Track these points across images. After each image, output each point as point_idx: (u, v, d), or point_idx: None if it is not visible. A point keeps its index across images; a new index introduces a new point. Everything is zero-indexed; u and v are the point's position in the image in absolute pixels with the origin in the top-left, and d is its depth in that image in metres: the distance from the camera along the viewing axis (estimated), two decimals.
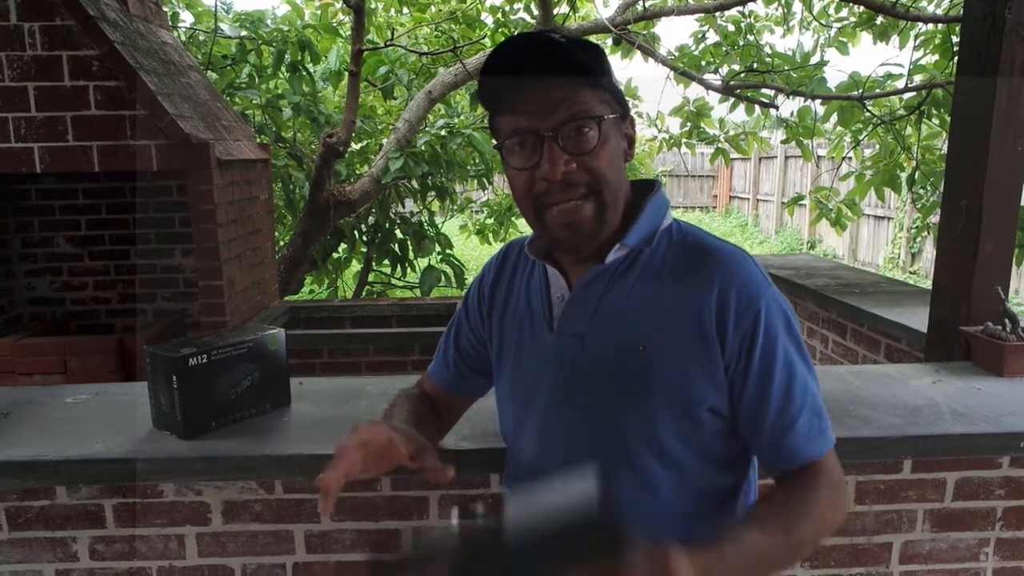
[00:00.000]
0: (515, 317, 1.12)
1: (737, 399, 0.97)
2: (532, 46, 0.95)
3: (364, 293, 6.55)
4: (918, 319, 2.49)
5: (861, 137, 4.94)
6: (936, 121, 4.39)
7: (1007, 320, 1.96)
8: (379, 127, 6.31)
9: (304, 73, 5.20)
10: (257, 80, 5.39)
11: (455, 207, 7.01)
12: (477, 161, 5.78)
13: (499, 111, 1.00)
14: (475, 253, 10.38)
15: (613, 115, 0.99)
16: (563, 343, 1.05)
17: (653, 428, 0.97)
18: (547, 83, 0.95)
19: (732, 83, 5.11)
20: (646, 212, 1.04)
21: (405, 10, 6.50)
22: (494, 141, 1.04)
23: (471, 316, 1.22)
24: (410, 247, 6.04)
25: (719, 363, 0.97)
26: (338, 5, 6.33)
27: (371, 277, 6.75)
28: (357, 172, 5.83)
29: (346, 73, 5.09)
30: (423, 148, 5.17)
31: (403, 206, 6.24)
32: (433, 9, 6.50)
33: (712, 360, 0.97)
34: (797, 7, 5.88)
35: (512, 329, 1.13)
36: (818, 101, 4.79)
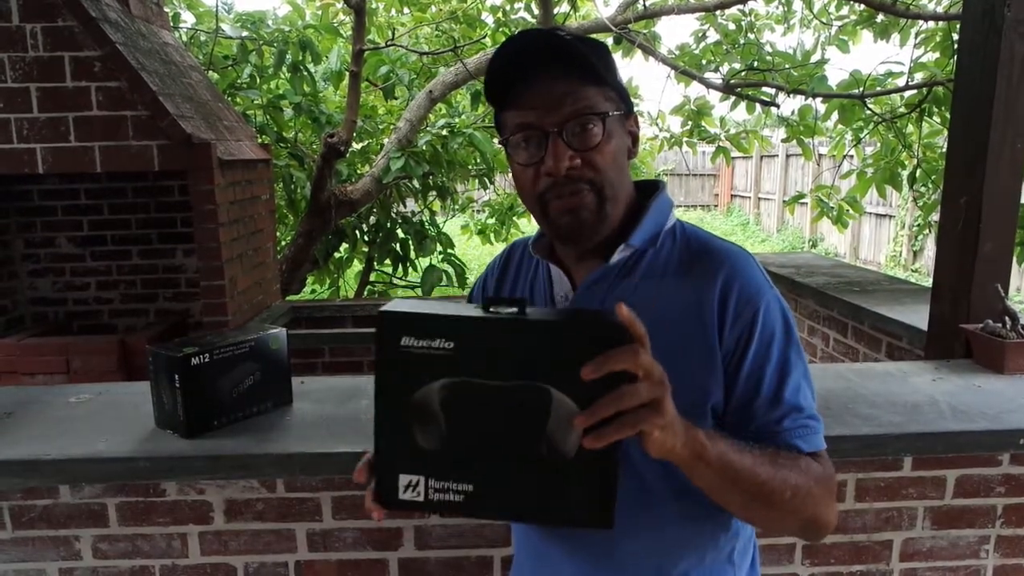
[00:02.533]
0: None
1: (729, 394, 0.98)
2: (538, 42, 0.95)
3: (366, 293, 6.56)
4: (919, 317, 2.49)
5: (862, 135, 4.94)
6: (937, 119, 4.39)
7: (1007, 318, 1.97)
8: (380, 127, 6.31)
9: (305, 73, 5.21)
10: (258, 80, 5.40)
11: (456, 207, 7.02)
12: (478, 161, 5.78)
13: (504, 107, 1.01)
14: (476, 253, 10.39)
15: (617, 112, 0.99)
16: None
17: None
18: (552, 79, 0.95)
19: (733, 82, 5.11)
20: (650, 213, 1.04)
21: (406, 10, 6.50)
22: (499, 137, 1.05)
23: None
24: (412, 247, 6.05)
25: (719, 359, 0.97)
26: (339, 5, 6.33)
27: (373, 277, 6.76)
28: (358, 172, 5.84)
29: (347, 73, 5.09)
30: (424, 148, 5.17)
31: (404, 206, 6.25)
32: (434, 9, 6.51)
33: (712, 356, 0.97)
34: (798, 5, 5.89)
35: None
36: (819, 99, 4.79)
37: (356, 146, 5.96)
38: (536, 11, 5.37)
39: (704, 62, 5.56)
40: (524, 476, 0.79)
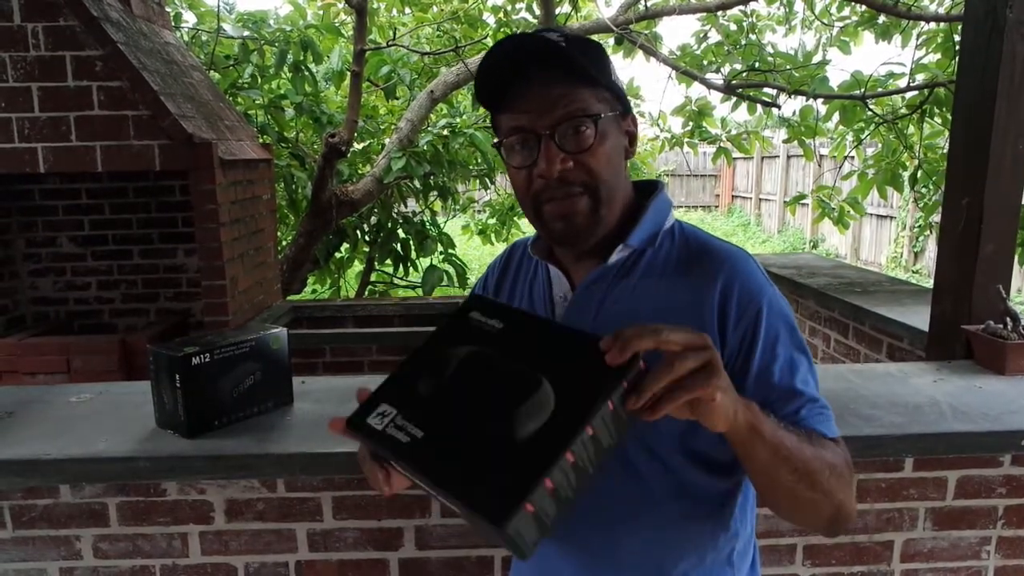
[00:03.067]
0: None
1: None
2: (529, 45, 0.95)
3: (366, 293, 6.56)
4: (920, 318, 2.49)
5: (863, 136, 4.94)
6: (938, 120, 4.38)
7: (1008, 319, 1.96)
8: (381, 127, 6.31)
9: (306, 73, 5.21)
10: (259, 80, 5.40)
11: (457, 207, 7.01)
12: (479, 161, 5.79)
13: (498, 110, 1.01)
14: (477, 253, 10.39)
15: (612, 112, 0.99)
16: None
17: (650, 427, 0.98)
18: (545, 82, 0.95)
19: (734, 82, 5.11)
20: (649, 213, 1.04)
21: (407, 10, 6.50)
22: (495, 139, 1.05)
23: None
24: (412, 247, 6.05)
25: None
26: (340, 5, 6.34)
27: (373, 277, 6.75)
28: (359, 172, 5.84)
29: (348, 73, 5.10)
30: (425, 148, 5.17)
31: (405, 206, 6.24)
32: (435, 9, 6.51)
33: None
34: (799, 6, 5.89)
35: None
36: (820, 100, 4.79)
37: (357, 146, 5.96)
38: (537, 11, 5.37)
39: (705, 63, 5.55)
40: (471, 443, 0.76)
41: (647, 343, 0.73)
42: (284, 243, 5.69)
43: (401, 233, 6.09)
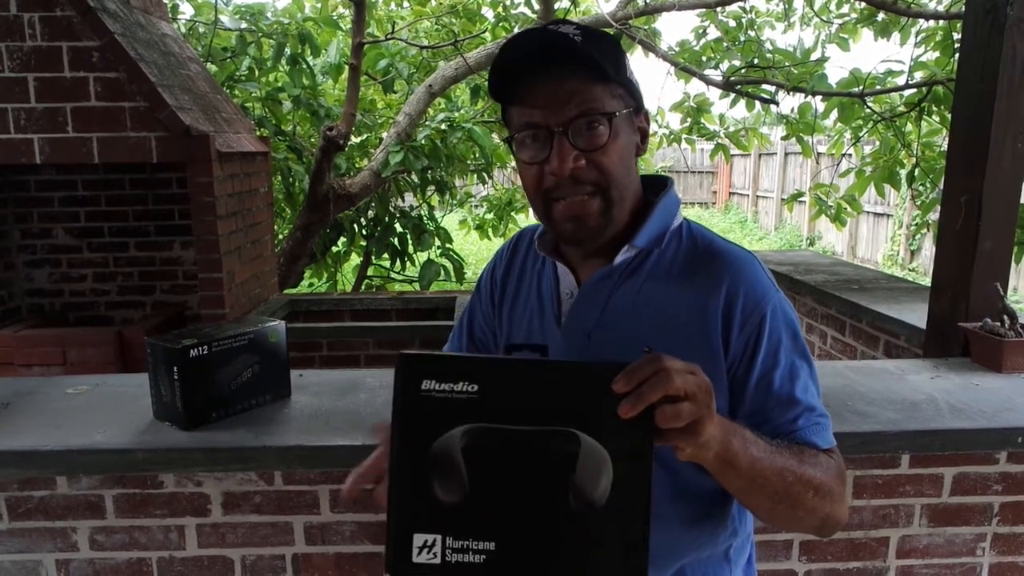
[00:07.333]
0: (526, 306, 1.12)
1: (738, 401, 0.97)
2: (545, 39, 0.94)
3: (363, 287, 6.55)
4: (917, 315, 2.50)
5: (861, 134, 4.94)
6: (936, 118, 4.39)
7: (1006, 316, 1.97)
8: (379, 121, 6.30)
9: (304, 66, 5.19)
10: (257, 73, 5.38)
11: (455, 201, 7.01)
12: (477, 155, 5.77)
13: (510, 102, 1.00)
14: (474, 248, 10.38)
15: (626, 109, 0.98)
16: (570, 339, 1.04)
17: None
18: (559, 77, 0.94)
19: (732, 79, 5.11)
20: (657, 212, 1.03)
21: (405, 3, 6.49)
22: (504, 134, 1.04)
23: (483, 301, 1.23)
24: (410, 241, 6.04)
25: (722, 365, 0.96)
26: None
27: (370, 271, 6.75)
28: (357, 166, 5.83)
29: (346, 66, 5.08)
30: (423, 142, 5.16)
31: (403, 200, 6.24)
32: (434, 3, 6.49)
33: (716, 362, 0.96)
34: (798, 3, 5.89)
35: (523, 318, 1.13)
36: (818, 97, 4.79)
37: (355, 140, 5.94)
38: (536, 6, 5.36)
39: (704, 59, 5.55)
40: (551, 531, 0.74)
41: (658, 394, 0.73)
42: (281, 236, 5.68)
43: (398, 227, 6.09)
